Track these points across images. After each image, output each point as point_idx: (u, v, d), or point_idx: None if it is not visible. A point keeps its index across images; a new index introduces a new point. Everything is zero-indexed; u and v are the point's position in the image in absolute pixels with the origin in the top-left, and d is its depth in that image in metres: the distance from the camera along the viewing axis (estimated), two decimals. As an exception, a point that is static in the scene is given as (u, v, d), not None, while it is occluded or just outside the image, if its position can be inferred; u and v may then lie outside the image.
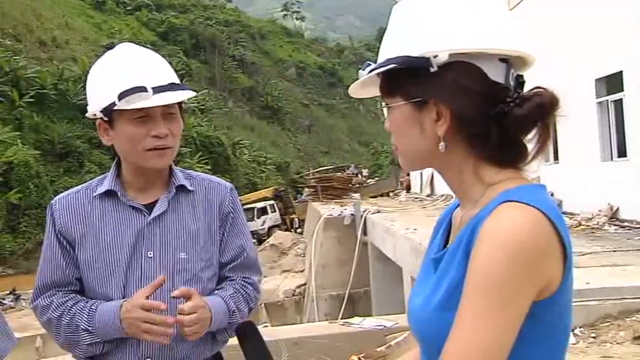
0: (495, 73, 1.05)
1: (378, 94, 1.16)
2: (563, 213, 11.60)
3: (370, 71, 1.11)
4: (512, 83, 1.06)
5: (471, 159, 1.08)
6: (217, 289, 1.89)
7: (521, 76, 1.09)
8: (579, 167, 11.86)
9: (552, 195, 12.44)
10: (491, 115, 1.03)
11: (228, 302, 1.85)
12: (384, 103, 1.15)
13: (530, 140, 1.05)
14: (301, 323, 13.62)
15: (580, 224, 10.37)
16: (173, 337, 1.74)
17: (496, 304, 0.93)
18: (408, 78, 1.07)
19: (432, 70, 1.03)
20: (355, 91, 1.21)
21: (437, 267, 1.11)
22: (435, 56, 1.03)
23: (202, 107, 55.68)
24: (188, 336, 1.71)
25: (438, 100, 1.05)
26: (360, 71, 1.14)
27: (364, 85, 1.18)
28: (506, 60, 1.06)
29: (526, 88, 1.08)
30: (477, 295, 0.94)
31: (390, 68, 1.07)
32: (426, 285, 1.11)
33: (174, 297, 1.71)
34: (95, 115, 1.79)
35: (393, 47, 1.09)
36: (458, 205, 1.18)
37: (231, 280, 1.92)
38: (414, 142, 1.10)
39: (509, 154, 1.07)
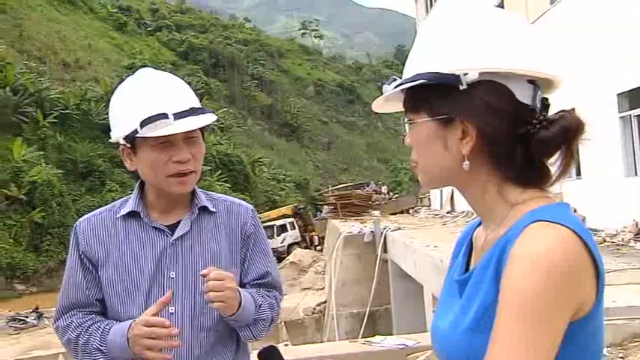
0: (523, 94, 1.04)
1: (402, 109, 1.16)
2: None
3: (397, 86, 1.11)
4: (538, 105, 1.05)
5: (494, 178, 1.07)
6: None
7: (547, 98, 1.08)
8: (602, 183, 11.69)
9: (575, 211, 12.30)
10: (517, 135, 1.03)
11: (255, 297, 1.87)
12: (406, 119, 1.14)
13: (553, 163, 1.05)
14: (321, 342, 13.54)
15: (604, 241, 10.19)
16: (197, 353, 1.76)
17: (532, 327, 0.91)
18: (435, 94, 1.06)
19: (460, 87, 1.03)
20: (379, 106, 1.21)
21: (462, 289, 1.09)
22: (465, 74, 1.02)
23: (222, 125, 56.15)
24: (212, 301, 1.70)
25: (464, 118, 1.04)
26: (385, 86, 1.13)
27: (388, 100, 1.17)
28: (533, 82, 1.06)
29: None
30: (512, 317, 0.92)
31: (419, 83, 1.06)
32: (452, 308, 1.09)
33: (203, 275, 1.70)
34: (119, 141, 1.81)
35: (423, 63, 1.08)
36: (478, 225, 1.17)
37: (256, 290, 1.95)
38: (436, 160, 1.09)
39: (533, 175, 1.06)
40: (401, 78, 1.11)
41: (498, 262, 0.99)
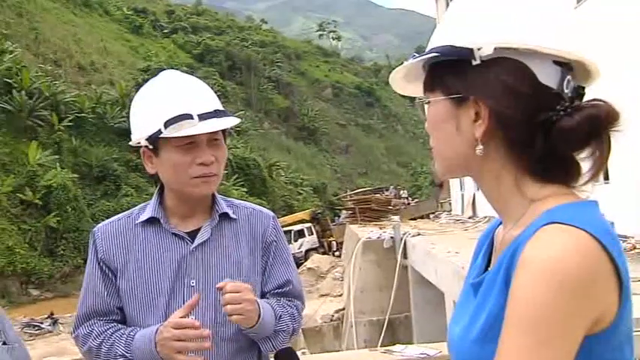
0: (546, 76, 0.95)
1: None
2: (617, 235, 11.15)
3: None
4: (566, 91, 0.95)
5: (511, 169, 0.99)
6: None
7: (583, 87, 0.98)
8: (632, 187, 11.37)
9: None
10: (537, 122, 0.94)
11: (275, 308, 1.86)
12: (424, 98, 1.07)
13: (585, 159, 0.95)
14: (340, 350, 13.47)
15: (634, 247, 9.94)
16: (216, 355, 1.75)
17: (540, 341, 0.84)
18: (450, 71, 1.00)
19: (474, 63, 0.96)
20: (401, 86, 1.13)
21: (477, 292, 1.02)
22: (479, 48, 0.95)
23: (238, 129, 56.18)
24: (230, 315, 1.69)
25: (477, 97, 0.98)
26: (405, 62, 1.07)
27: (410, 81, 1.10)
28: (562, 64, 0.96)
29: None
30: (519, 330, 0.85)
31: (431, 57, 1.01)
32: (466, 312, 1.03)
33: (219, 288, 1.69)
34: (140, 143, 1.79)
35: (440, 38, 1.03)
36: (501, 223, 1.08)
37: (277, 300, 1.93)
38: (449, 143, 1.02)
39: (555, 170, 0.96)
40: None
41: (509, 267, 0.93)
